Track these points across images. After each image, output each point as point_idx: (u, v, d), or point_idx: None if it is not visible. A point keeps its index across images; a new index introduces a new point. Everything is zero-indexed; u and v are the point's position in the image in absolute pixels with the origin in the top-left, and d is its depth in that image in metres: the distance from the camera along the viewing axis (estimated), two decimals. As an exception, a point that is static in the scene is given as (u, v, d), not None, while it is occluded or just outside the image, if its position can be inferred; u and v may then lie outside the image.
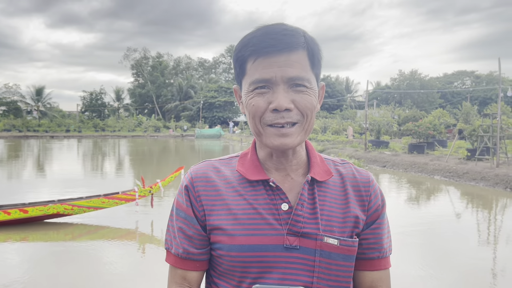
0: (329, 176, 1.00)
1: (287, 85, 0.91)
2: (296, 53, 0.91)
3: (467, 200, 10.00)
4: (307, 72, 0.92)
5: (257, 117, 0.93)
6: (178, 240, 1.00)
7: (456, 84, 66.42)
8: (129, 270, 5.06)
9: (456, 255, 5.53)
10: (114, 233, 6.74)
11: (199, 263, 1.00)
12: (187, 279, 1.01)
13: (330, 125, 34.83)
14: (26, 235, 6.41)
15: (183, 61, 72.88)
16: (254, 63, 0.92)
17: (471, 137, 15.36)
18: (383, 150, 19.52)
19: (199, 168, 1.03)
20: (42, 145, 30.07)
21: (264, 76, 0.90)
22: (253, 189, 0.97)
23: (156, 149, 27.75)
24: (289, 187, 0.98)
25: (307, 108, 0.92)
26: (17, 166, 16.97)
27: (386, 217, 1.06)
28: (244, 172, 0.99)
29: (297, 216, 0.94)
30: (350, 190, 1.02)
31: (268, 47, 0.90)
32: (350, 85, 72.60)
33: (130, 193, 7.33)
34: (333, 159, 1.09)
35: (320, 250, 0.94)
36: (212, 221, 0.96)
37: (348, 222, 0.98)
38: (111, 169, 16.37)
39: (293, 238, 0.93)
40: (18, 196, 8.92)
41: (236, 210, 0.96)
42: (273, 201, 0.96)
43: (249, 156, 1.03)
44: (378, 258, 1.03)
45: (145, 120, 52.96)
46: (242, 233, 0.94)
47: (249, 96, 0.94)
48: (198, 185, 0.99)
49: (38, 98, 56.60)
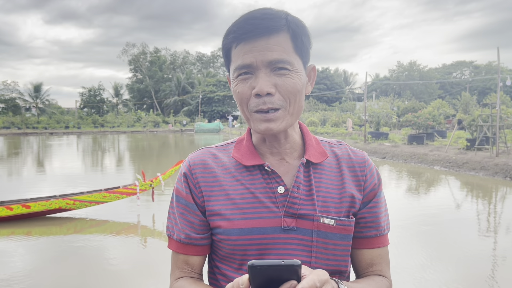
0: (324, 157, 1.02)
1: (268, 69, 0.90)
2: (277, 36, 0.90)
3: (467, 190, 10.04)
4: (288, 54, 0.91)
5: (244, 104, 0.95)
6: (180, 226, 1.02)
7: (455, 75, 66.32)
8: (132, 262, 5.09)
9: (456, 244, 5.57)
10: (116, 226, 6.77)
11: (200, 247, 1.02)
12: (189, 263, 1.03)
13: (329, 117, 34.81)
14: (30, 230, 6.45)
15: (181, 55, 72.64)
16: (236, 49, 0.93)
17: (470, 127, 15.37)
18: (383, 142, 19.54)
19: (197, 155, 1.05)
20: (42, 142, 30.06)
21: (245, 62, 0.91)
22: (249, 173, 0.99)
23: (156, 144, 27.75)
24: (284, 170, 1.00)
25: (289, 92, 0.92)
26: (18, 163, 16.98)
27: (383, 195, 1.07)
28: (240, 158, 1.01)
29: (293, 198, 0.95)
30: (345, 170, 1.03)
31: (247, 32, 0.90)
32: (349, 77, 72.49)
33: (131, 187, 7.35)
34: (328, 140, 1.10)
35: (317, 230, 0.95)
36: (211, 207, 0.98)
37: (344, 202, 0.99)
38: (112, 164, 16.39)
39: (290, 219, 0.95)
40: (20, 192, 8.95)
41: (234, 195, 0.97)
42: (269, 185, 0.97)
43: (244, 141, 1.05)
44: (376, 236, 1.05)
45: (144, 116, 52.91)
46: (241, 217, 0.96)
47: (234, 83, 0.95)
48: (197, 171, 1.01)
49: (36, 95, 56.54)
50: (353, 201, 1.01)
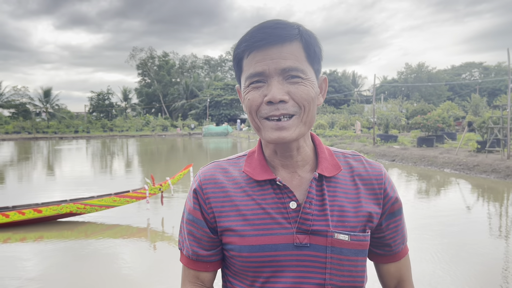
0: (337, 170, 0.99)
1: (281, 76, 0.90)
2: (290, 44, 0.90)
3: (478, 192, 9.93)
4: (301, 63, 0.91)
5: (253, 111, 0.93)
6: (188, 243, 1.02)
7: (465, 76, 65.75)
8: (141, 266, 5.12)
9: (468, 248, 5.51)
10: (126, 230, 6.81)
11: (209, 264, 1.02)
12: (200, 278, 1.03)
13: (337, 120, 34.71)
14: (41, 234, 6.51)
15: (189, 59, 73.01)
16: (248, 58, 0.92)
17: (481, 129, 15.22)
18: (392, 144, 19.42)
19: (207, 170, 1.03)
20: (52, 147, 30.37)
21: (258, 70, 0.90)
22: (261, 188, 0.97)
23: (164, 148, 27.89)
24: (297, 184, 0.98)
25: (303, 99, 0.91)
26: (29, 167, 17.17)
27: (401, 208, 1.06)
28: (251, 173, 0.99)
29: (305, 214, 0.93)
30: (361, 183, 1.00)
31: (260, 40, 0.89)
32: (357, 80, 72.24)
33: (140, 191, 7.40)
34: (343, 151, 1.07)
35: (331, 246, 0.93)
36: (223, 223, 0.97)
37: (359, 216, 0.97)
38: (121, 169, 16.50)
39: (303, 236, 0.93)
40: (31, 197, 9.05)
41: (245, 211, 0.96)
42: (281, 200, 0.95)
43: (255, 155, 1.03)
44: (398, 252, 1.07)
45: (152, 120, 53.21)
46: (252, 233, 0.94)
47: (246, 91, 0.94)
48: (207, 187, 0.99)
49: (46, 100, 57.19)
50: (370, 216, 0.98)
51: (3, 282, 4.61)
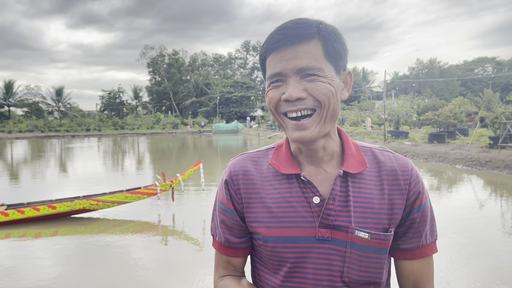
0: (363, 167, 1.00)
1: (298, 76, 0.92)
2: (307, 44, 0.92)
3: (490, 189, 9.83)
4: (318, 61, 0.92)
5: (272, 107, 0.97)
6: (220, 230, 1.08)
7: (477, 71, 64.84)
8: (153, 261, 5.19)
9: (480, 244, 5.48)
10: (138, 226, 6.91)
11: (240, 251, 1.08)
12: (231, 263, 1.10)
13: (348, 116, 34.53)
14: (56, 230, 6.64)
15: (199, 57, 73.20)
16: (268, 59, 0.96)
17: (493, 125, 15.02)
18: (403, 141, 19.28)
19: (237, 161, 1.08)
20: (64, 145, 30.77)
21: (276, 71, 0.94)
22: (287, 181, 1.01)
23: (175, 146, 28.07)
24: (322, 179, 1.00)
25: (322, 93, 0.92)
26: (42, 165, 17.44)
27: (428, 204, 1.03)
28: (277, 166, 1.02)
29: (328, 210, 0.96)
30: (387, 179, 1.00)
31: (277, 42, 0.93)
32: (368, 76, 71.71)
33: (152, 187, 7.49)
34: (370, 146, 1.07)
35: (351, 242, 0.96)
36: (250, 213, 1.02)
37: (383, 214, 0.98)
38: (132, 166, 16.67)
39: (325, 230, 0.96)
40: (45, 193, 9.21)
41: (271, 203, 1.00)
42: (305, 194, 0.98)
43: (283, 148, 1.06)
44: (418, 247, 1.02)
45: (163, 117, 53.53)
46: (277, 225, 0.98)
47: (267, 90, 0.98)
48: (238, 178, 1.04)
49: (58, 99, 57.89)
50: (394, 213, 0.98)
51: (20, 276, 4.72)
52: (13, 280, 4.61)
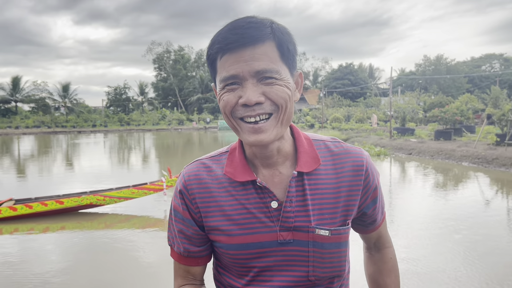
0: (317, 164, 0.99)
1: (255, 79, 0.88)
2: (262, 45, 0.88)
3: (497, 186, 9.78)
4: (275, 63, 0.89)
5: (227, 112, 0.92)
6: (178, 240, 1.04)
7: (484, 68, 64.29)
8: (158, 256, 5.24)
9: (487, 242, 5.46)
10: (144, 221, 6.96)
11: (200, 259, 1.05)
12: (190, 272, 1.07)
13: (353, 113, 34.43)
14: (63, 225, 6.72)
15: (204, 53, 73.10)
16: (221, 60, 0.91)
17: (500, 122, 14.91)
18: (409, 137, 19.21)
19: (191, 169, 1.03)
20: (71, 140, 30.97)
21: (232, 73, 0.89)
22: (243, 188, 0.98)
23: (181, 142, 28.16)
24: (278, 182, 0.99)
25: (280, 97, 0.89)
26: (49, 160, 17.59)
27: (379, 189, 1.07)
28: (232, 173, 0.99)
29: (286, 212, 0.95)
30: (342, 173, 1.00)
31: (232, 42, 0.88)
32: (374, 72, 71.38)
33: (158, 183, 7.54)
34: (323, 138, 1.06)
35: (312, 241, 0.96)
36: (209, 222, 0.99)
37: (339, 208, 0.99)
38: (138, 161, 16.76)
39: (286, 233, 0.95)
40: (52, 189, 9.30)
41: (230, 211, 0.98)
42: (263, 200, 0.97)
43: (236, 153, 1.02)
44: (376, 224, 1.12)
45: (168, 114, 53.71)
46: (238, 232, 0.97)
47: (221, 93, 0.93)
48: (192, 187, 1.00)
49: (64, 95, 58.22)
50: (350, 205, 1.00)
51: (28, 270, 4.79)
52: (21, 274, 4.67)
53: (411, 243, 5.38)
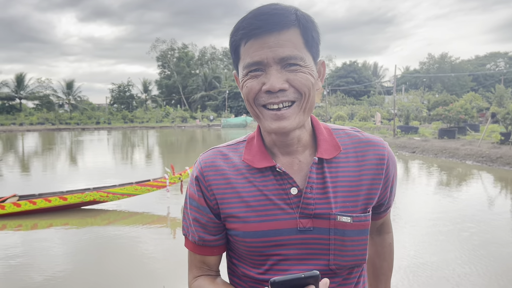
0: (337, 151, 0.98)
1: (279, 65, 0.88)
2: (287, 31, 0.88)
3: (501, 185, 9.74)
4: (300, 50, 0.89)
5: (250, 99, 0.92)
6: (193, 228, 1.02)
7: (489, 66, 63.94)
8: (161, 252, 5.25)
9: (490, 242, 5.44)
10: (147, 218, 6.98)
11: (215, 248, 1.03)
12: (205, 262, 1.05)
13: (357, 111, 34.35)
14: (67, 221, 6.75)
15: (208, 51, 73.21)
16: (245, 46, 0.90)
17: (505, 121, 14.83)
18: (413, 136, 19.15)
19: (208, 156, 1.03)
20: (74, 137, 31.08)
21: (256, 59, 0.88)
22: (262, 175, 0.97)
23: (184, 139, 28.19)
24: (297, 170, 0.98)
25: (304, 85, 0.89)
26: (53, 157, 17.66)
27: (396, 177, 1.10)
28: (251, 160, 0.98)
29: (307, 199, 0.94)
30: (364, 161, 0.99)
31: (257, 28, 0.87)
32: (378, 70, 71.14)
33: (161, 180, 7.55)
34: (343, 127, 1.06)
35: (334, 229, 0.94)
36: (225, 209, 0.98)
37: (361, 195, 0.98)
38: (142, 159, 16.80)
39: (306, 220, 0.94)
40: (56, 185, 9.34)
41: (247, 197, 0.96)
42: (282, 186, 0.95)
43: (255, 141, 1.02)
44: (386, 211, 1.14)
45: (172, 111, 53.74)
46: (255, 219, 0.95)
47: (244, 79, 0.92)
48: (208, 174, 0.99)
49: (68, 92, 58.37)
50: (371, 194, 0.99)
51: (31, 266, 4.81)
52: (25, 269, 4.70)
53: (418, 240, 5.36)
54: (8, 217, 6.85)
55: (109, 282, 4.38)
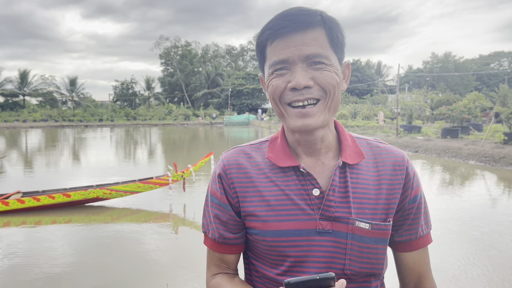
0: (361, 158, 0.99)
1: (305, 63, 0.90)
2: (313, 30, 0.90)
3: (504, 185, 9.71)
4: (325, 49, 0.91)
5: (276, 97, 0.93)
6: (214, 226, 1.03)
7: (493, 66, 63.64)
8: (164, 250, 5.28)
9: (494, 242, 5.43)
10: (149, 215, 7.01)
11: (235, 246, 1.04)
12: (224, 260, 1.06)
13: (360, 110, 34.28)
14: (70, 218, 6.78)
15: (211, 49, 73.16)
16: (271, 45, 0.92)
17: (508, 121, 14.77)
18: (415, 135, 19.11)
19: (231, 155, 1.04)
20: (77, 134, 31.17)
21: (281, 57, 0.90)
22: (284, 175, 0.98)
23: (187, 137, 28.22)
24: (320, 171, 0.98)
25: (329, 83, 0.91)
26: (57, 154, 17.72)
27: (423, 196, 1.04)
28: (275, 159, 0.99)
29: (329, 201, 0.94)
30: (383, 170, 1.00)
31: (283, 27, 0.89)
32: (382, 69, 70.94)
33: (163, 178, 7.57)
34: (366, 138, 1.07)
35: (352, 233, 0.94)
36: (246, 208, 0.98)
37: (381, 204, 0.97)
38: (144, 156, 16.84)
39: (326, 222, 0.94)
40: (60, 182, 9.38)
41: (269, 196, 0.97)
42: (304, 187, 0.96)
43: (278, 141, 1.03)
44: (416, 238, 1.03)
45: (175, 109, 53.76)
46: (275, 219, 0.95)
47: (269, 78, 0.94)
48: (231, 172, 1.00)
49: (72, 89, 58.55)
50: (391, 203, 0.98)
51: (35, 262, 4.85)
52: (29, 266, 4.73)
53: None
54: (12, 213, 6.89)
55: (112, 278, 4.41)
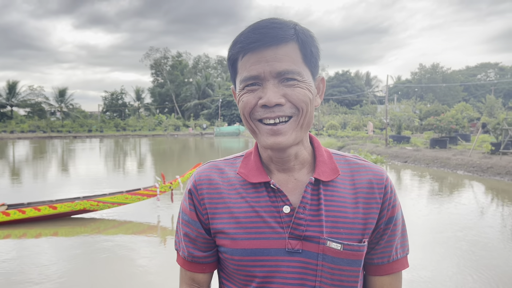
0: (335, 175, 0.95)
1: (277, 79, 0.86)
2: (285, 46, 0.86)
3: (492, 195, 9.80)
4: (297, 65, 0.87)
5: (246, 113, 0.90)
6: (184, 244, 1.00)
7: (480, 77, 64.82)
8: (152, 262, 5.19)
9: (481, 253, 5.45)
10: (137, 227, 6.91)
11: (205, 265, 1.00)
12: (195, 280, 1.02)
13: (349, 120, 34.54)
14: (56, 230, 6.65)
15: (201, 59, 73.38)
16: (243, 60, 0.89)
17: (495, 131, 15.00)
18: (404, 145, 19.27)
19: (203, 170, 1.01)
20: (66, 145, 30.83)
21: (252, 73, 0.87)
22: (255, 191, 0.95)
23: (176, 147, 28.09)
24: (292, 188, 0.94)
25: (301, 100, 0.87)
26: (44, 165, 17.48)
27: (401, 216, 0.99)
28: (246, 174, 0.96)
29: (298, 219, 0.90)
30: (361, 188, 0.95)
31: (255, 42, 0.86)
32: (371, 80, 71.74)
33: (151, 189, 7.50)
34: (344, 154, 1.02)
35: (323, 254, 0.90)
36: (216, 225, 0.95)
37: (356, 224, 0.92)
38: (133, 167, 16.69)
39: (295, 241, 0.90)
40: (46, 194, 9.23)
41: (238, 213, 0.93)
42: (275, 204, 0.92)
43: (252, 156, 1.00)
44: (388, 262, 0.98)
45: (165, 119, 53.61)
46: (244, 237, 0.92)
47: (240, 94, 0.91)
48: (202, 188, 0.97)
49: (61, 99, 58.10)
50: (368, 223, 0.93)
51: (20, 277, 4.73)
52: (14, 280, 4.61)
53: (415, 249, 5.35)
54: (-4, 226, 6.74)
55: (98, 293, 4.31)
